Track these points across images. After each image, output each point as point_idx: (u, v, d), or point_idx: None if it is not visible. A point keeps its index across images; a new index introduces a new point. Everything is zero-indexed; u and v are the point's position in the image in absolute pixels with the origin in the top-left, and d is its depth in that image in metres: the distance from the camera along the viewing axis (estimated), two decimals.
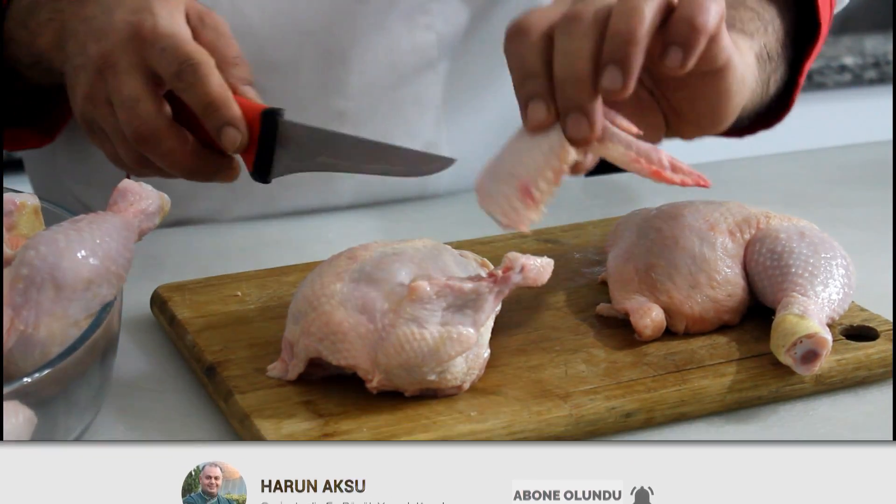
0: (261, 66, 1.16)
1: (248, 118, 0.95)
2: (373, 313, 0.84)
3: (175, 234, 1.16)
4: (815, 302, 0.90)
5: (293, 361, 0.86)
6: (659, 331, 0.92)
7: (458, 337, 0.84)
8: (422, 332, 0.83)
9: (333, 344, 0.84)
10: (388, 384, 0.84)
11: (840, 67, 2.18)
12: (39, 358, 0.80)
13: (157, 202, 0.90)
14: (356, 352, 0.84)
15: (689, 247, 0.95)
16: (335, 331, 0.84)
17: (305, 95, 1.19)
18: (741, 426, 0.86)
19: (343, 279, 0.86)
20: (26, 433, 0.77)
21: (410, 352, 0.83)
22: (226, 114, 0.94)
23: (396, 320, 0.83)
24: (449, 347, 0.83)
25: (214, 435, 0.85)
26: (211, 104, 0.94)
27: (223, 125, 0.94)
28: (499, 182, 0.85)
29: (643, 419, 0.85)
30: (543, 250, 1.06)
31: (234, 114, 0.94)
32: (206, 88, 0.93)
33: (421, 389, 0.84)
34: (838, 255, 0.95)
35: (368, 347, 0.84)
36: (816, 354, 0.86)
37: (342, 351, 0.84)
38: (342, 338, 0.84)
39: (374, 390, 0.84)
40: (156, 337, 0.98)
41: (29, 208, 0.90)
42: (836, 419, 0.87)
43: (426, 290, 0.84)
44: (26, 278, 0.80)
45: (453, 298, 0.84)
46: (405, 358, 0.83)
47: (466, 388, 0.85)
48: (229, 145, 0.95)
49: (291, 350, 0.87)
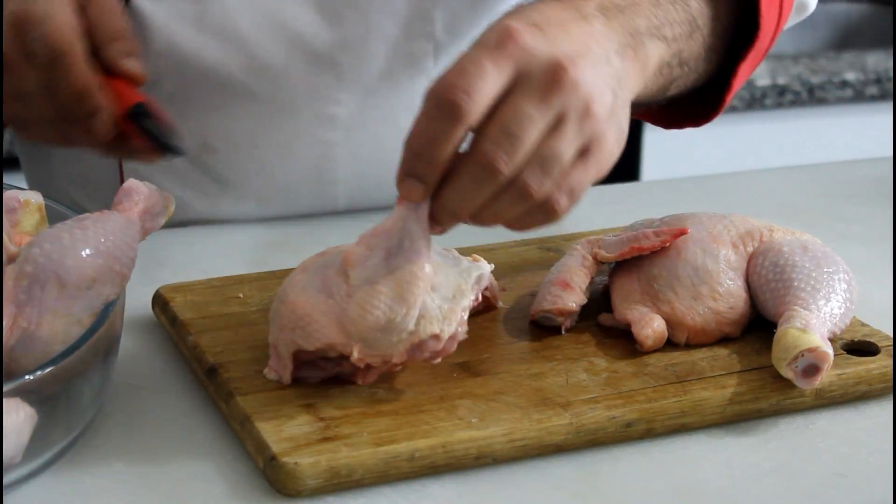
0: (251, 71, 1.16)
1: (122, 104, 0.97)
2: (330, 290, 0.85)
3: (178, 234, 1.16)
4: (816, 316, 0.90)
5: (281, 363, 0.87)
6: (660, 341, 0.92)
7: (413, 273, 0.83)
8: (375, 287, 0.83)
9: (304, 329, 0.85)
10: (372, 355, 0.84)
11: (842, 83, 2.18)
12: (41, 355, 0.80)
13: (162, 202, 0.90)
14: (326, 329, 0.84)
15: (692, 258, 0.95)
16: (301, 315, 0.85)
17: (296, 101, 1.18)
18: (741, 438, 0.86)
19: (307, 271, 0.87)
20: (27, 430, 0.77)
21: (374, 309, 0.83)
22: (87, 105, 0.95)
23: (351, 289, 0.84)
24: (408, 285, 0.83)
25: (215, 436, 0.85)
26: (73, 95, 0.95)
27: (86, 116, 0.96)
28: None
29: (643, 429, 0.85)
30: (546, 258, 1.06)
31: (97, 104, 0.95)
32: (69, 80, 0.94)
33: (408, 351, 0.84)
34: (841, 269, 0.95)
35: (336, 322, 0.84)
36: (817, 368, 0.86)
37: (313, 333, 0.84)
38: (309, 320, 0.84)
39: (362, 363, 0.84)
40: (157, 337, 0.98)
41: (33, 206, 0.90)
42: (836, 433, 0.87)
43: (357, 249, 0.84)
44: (30, 275, 0.80)
45: (385, 243, 0.84)
46: (372, 319, 0.83)
47: (454, 346, 0.85)
48: (95, 134, 0.96)
49: (277, 353, 0.87)
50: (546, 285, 0.96)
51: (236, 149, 1.19)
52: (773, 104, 2.16)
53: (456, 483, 0.81)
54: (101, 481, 0.81)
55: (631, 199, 1.30)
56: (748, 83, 2.14)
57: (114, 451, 0.83)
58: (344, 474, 0.79)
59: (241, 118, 1.18)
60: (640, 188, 1.48)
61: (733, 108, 2.14)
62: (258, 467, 0.81)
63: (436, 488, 0.81)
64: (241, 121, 1.18)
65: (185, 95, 1.17)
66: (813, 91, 2.16)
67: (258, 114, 1.18)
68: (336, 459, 0.79)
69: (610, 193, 1.33)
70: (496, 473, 0.82)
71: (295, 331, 0.85)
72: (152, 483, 0.81)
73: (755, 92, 2.14)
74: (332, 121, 1.20)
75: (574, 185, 0.81)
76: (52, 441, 0.79)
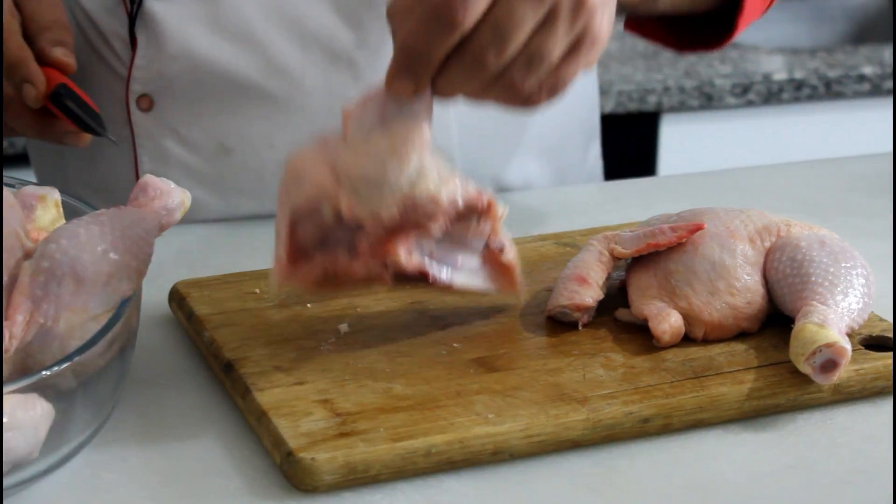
0: (266, 72, 1.16)
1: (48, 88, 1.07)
2: (325, 148, 0.85)
3: (194, 230, 1.16)
4: (834, 311, 0.90)
5: (278, 240, 0.86)
6: (677, 337, 0.92)
7: (406, 127, 0.83)
8: (370, 137, 0.83)
9: (296, 181, 0.84)
10: (362, 209, 0.83)
11: (859, 77, 2.18)
12: (58, 351, 0.80)
13: (178, 198, 0.90)
14: (317, 174, 0.83)
15: (709, 253, 0.94)
16: (297, 169, 0.85)
17: (312, 101, 1.18)
18: (759, 434, 0.86)
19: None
20: (44, 426, 0.77)
21: (366, 158, 0.83)
22: (22, 72, 1.06)
23: (345, 143, 0.84)
24: (403, 140, 0.83)
25: (231, 432, 0.85)
26: (10, 65, 1.05)
27: (20, 81, 1.06)
28: None
29: (660, 425, 0.85)
30: (562, 254, 1.06)
31: (29, 71, 1.05)
32: (6, 53, 1.06)
33: (402, 210, 0.83)
34: (858, 264, 0.94)
35: (328, 167, 0.83)
36: (835, 364, 0.86)
37: (304, 183, 0.84)
38: (302, 172, 0.84)
39: (352, 216, 0.83)
40: (174, 333, 0.98)
41: (49, 202, 0.91)
42: (855, 429, 0.87)
43: (354, 106, 0.84)
44: (47, 271, 0.80)
45: (380, 101, 0.83)
46: (365, 166, 0.82)
47: (453, 212, 0.85)
48: (28, 100, 1.06)
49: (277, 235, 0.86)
50: (562, 281, 0.96)
51: (252, 149, 1.19)
52: (790, 98, 2.15)
53: (473, 478, 0.81)
54: (118, 477, 0.81)
55: (648, 194, 1.30)
56: (765, 78, 2.13)
57: (131, 447, 0.84)
58: (361, 470, 0.79)
59: (256, 119, 1.18)
60: (656, 183, 1.47)
61: (750, 102, 2.14)
62: (275, 463, 0.81)
63: (452, 484, 0.81)
64: (257, 121, 1.18)
65: (200, 96, 1.17)
66: (830, 85, 2.16)
67: (274, 114, 1.18)
68: (353, 455, 0.79)
69: (627, 188, 1.32)
70: (513, 469, 0.82)
71: (290, 192, 0.84)
72: (169, 478, 0.81)
73: (772, 86, 2.14)
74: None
75: (559, 80, 0.82)
76: (70, 437, 0.79)
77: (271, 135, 1.19)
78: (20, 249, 0.83)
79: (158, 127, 1.18)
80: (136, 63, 1.16)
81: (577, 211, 1.23)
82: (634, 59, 2.22)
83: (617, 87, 2.09)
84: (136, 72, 1.16)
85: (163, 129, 1.18)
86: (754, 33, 2.45)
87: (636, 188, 1.33)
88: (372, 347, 0.91)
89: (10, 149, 1.93)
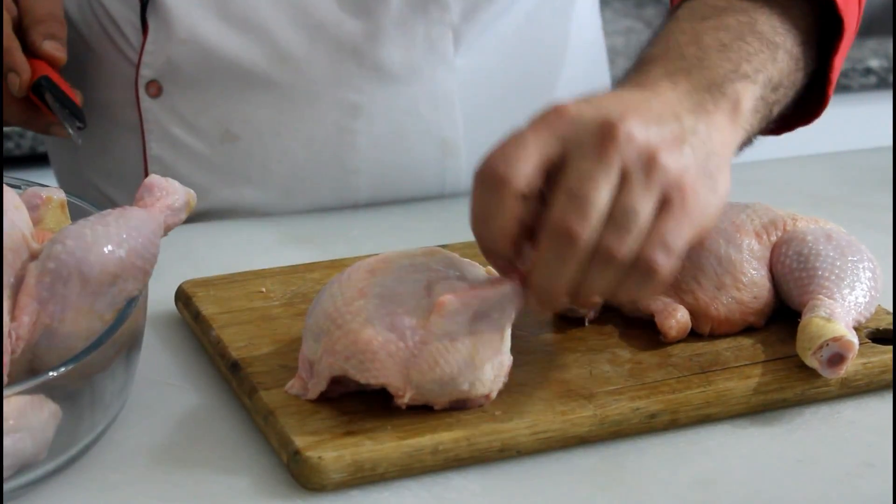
0: (273, 59, 1.17)
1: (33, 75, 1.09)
2: (402, 331, 0.82)
3: (200, 229, 1.16)
4: (841, 305, 0.89)
5: (314, 380, 0.84)
6: (684, 332, 0.91)
7: (490, 343, 0.83)
8: (454, 344, 0.82)
9: (362, 363, 0.82)
10: (419, 399, 0.83)
11: (865, 70, 2.17)
12: (65, 352, 0.80)
13: (184, 197, 0.89)
14: (387, 370, 0.82)
15: (715, 248, 0.94)
16: (363, 349, 0.82)
17: (318, 89, 1.19)
18: (766, 428, 0.86)
19: (366, 295, 0.84)
20: (51, 427, 0.77)
21: (445, 365, 0.82)
22: (7, 61, 1.08)
23: (427, 336, 0.82)
24: (482, 354, 0.83)
25: (238, 431, 0.85)
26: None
27: (6, 70, 1.09)
28: None
29: (668, 420, 0.85)
30: None
31: (15, 61, 1.08)
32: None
33: (451, 402, 0.83)
34: (865, 258, 0.94)
35: (400, 365, 0.82)
36: (843, 357, 0.86)
37: (371, 370, 0.82)
38: (371, 357, 0.82)
39: (404, 406, 0.83)
40: (180, 332, 0.98)
41: (55, 202, 0.91)
42: (863, 422, 0.86)
43: (454, 303, 0.82)
44: (53, 272, 0.80)
45: (479, 305, 0.83)
46: (439, 373, 0.82)
47: (494, 398, 0.85)
48: (11, 88, 1.09)
49: (311, 368, 0.85)
50: None
51: (258, 137, 1.20)
52: None
53: (480, 476, 0.81)
54: (125, 477, 0.81)
55: None
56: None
57: (138, 447, 0.84)
58: (368, 468, 0.79)
59: (262, 106, 1.19)
60: None
61: None
62: (282, 462, 0.81)
63: (460, 481, 0.81)
64: (263, 109, 1.19)
65: (207, 83, 1.18)
66: None
67: (280, 102, 1.18)
68: (360, 453, 0.79)
69: None
70: (520, 466, 0.82)
71: (349, 360, 0.82)
72: (177, 478, 0.81)
73: None
74: (353, 109, 1.20)
75: (665, 240, 0.78)
76: (77, 437, 0.79)
77: (277, 123, 1.19)
78: (26, 250, 0.83)
79: (166, 113, 1.19)
80: (147, 48, 1.17)
81: None
82: None
83: None
84: (146, 57, 1.17)
85: (171, 115, 1.19)
86: None
87: None
88: None
89: (17, 150, 1.93)
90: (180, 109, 1.19)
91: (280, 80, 1.18)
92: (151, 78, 1.18)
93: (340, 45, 1.17)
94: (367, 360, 0.82)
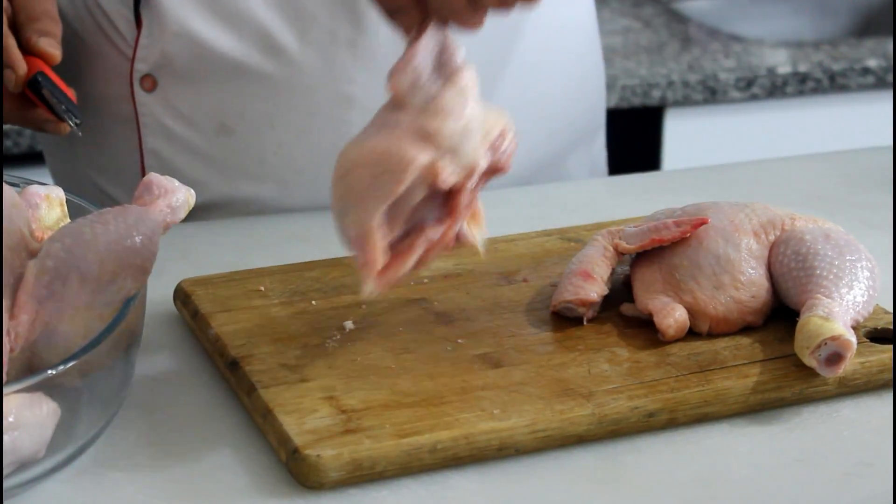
0: (266, 52, 1.17)
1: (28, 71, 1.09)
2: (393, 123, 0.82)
3: (199, 228, 1.16)
4: (839, 304, 0.90)
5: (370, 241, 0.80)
6: (682, 331, 0.92)
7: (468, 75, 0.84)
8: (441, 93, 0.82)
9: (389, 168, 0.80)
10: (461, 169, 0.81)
11: (863, 70, 2.17)
12: (63, 350, 0.80)
13: (183, 196, 0.89)
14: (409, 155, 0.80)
15: (714, 247, 0.94)
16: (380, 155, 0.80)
17: (312, 81, 1.19)
18: (764, 427, 0.86)
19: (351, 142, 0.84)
20: (50, 425, 0.77)
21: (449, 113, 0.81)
22: (3, 57, 1.08)
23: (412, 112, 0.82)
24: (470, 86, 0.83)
25: (237, 429, 0.85)
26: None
27: (2, 67, 1.08)
28: None
29: (666, 419, 0.85)
30: (567, 249, 1.06)
31: (10, 57, 1.08)
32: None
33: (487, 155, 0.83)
34: (863, 257, 0.94)
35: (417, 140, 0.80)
36: (841, 357, 0.86)
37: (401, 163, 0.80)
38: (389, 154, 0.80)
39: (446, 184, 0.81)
40: (179, 331, 0.98)
41: (55, 201, 0.91)
42: (860, 421, 0.87)
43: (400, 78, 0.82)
44: (51, 271, 0.80)
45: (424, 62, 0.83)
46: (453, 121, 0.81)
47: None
48: (7, 84, 1.09)
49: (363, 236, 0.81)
50: (567, 276, 0.96)
51: (254, 129, 1.20)
52: (794, 92, 2.15)
53: (478, 474, 0.81)
54: (124, 475, 0.81)
55: (652, 189, 1.30)
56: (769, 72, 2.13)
57: (136, 445, 0.84)
58: (366, 466, 0.79)
59: (257, 99, 1.19)
60: (661, 177, 1.47)
61: (754, 96, 2.13)
62: (281, 460, 0.81)
63: (458, 480, 0.81)
64: (257, 101, 1.19)
65: (201, 77, 1.18)
66: (834, 78, 2.15)
67: (274, 94, 1.19)
68: (358, 452, 0.79)
69: (631, 183, 1.32)
70: (519, 464, 0.82)
71: (378, 180, 0.79)
72: (175, 476, 0.81)
73: (776, 80, 2.14)
74: (348, 100, 1.20)
75: None
76: (76, 435, 0.80)
77: (271, 115, 1.20)
78: (25, 249, 0.83)
79: (161, 107, 1.20)
80: (141, 43, 1.17)
81: (581, 206, 1.23)
82: (638, 54, 2.21)
83: (621, 81, 2.08)
84: (140, 52, 1.18)
85: (166, 109, 1.20)
86: (758, 27, 2.45)
87: (640, 183, 1.33)
88: (377, 344, 0.91)
89: (15, 148, 1.93)
90: (175, 103, 1.20)
91: (273, 73, 1.18)
92: (146, 72, 1.19)
93: (333, 36, 1.18)
94: (390, 160, 0.80)
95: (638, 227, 0.98)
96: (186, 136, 1.20)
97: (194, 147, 1.20)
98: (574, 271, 0.96)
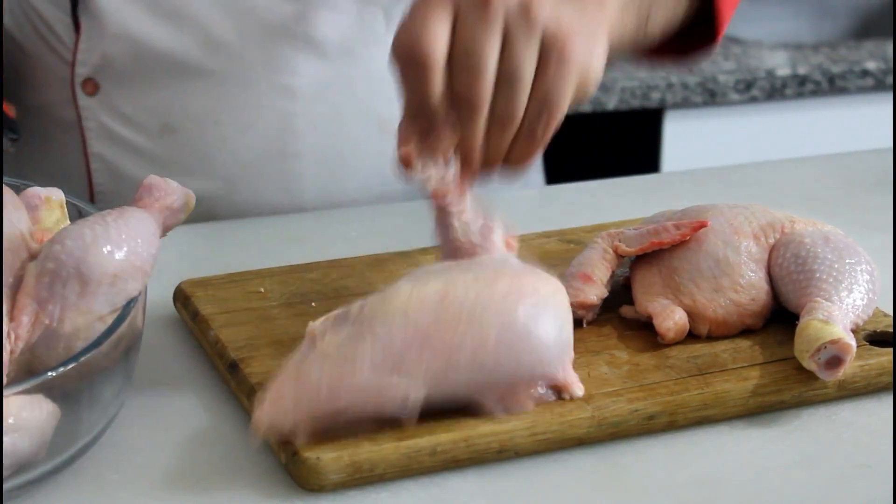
0: (206, 48, 1.17)
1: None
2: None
3: (198, 229, 1.16)
4: (839, 307, 0.90)
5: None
6: (682, 334, 0.92)
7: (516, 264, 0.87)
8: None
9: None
10: None
11: (862, 72, 2.18)
12: (64, 352, 0.80)
13: (183, 198, 0.90)
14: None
15: (713, 250, 0.94)
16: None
17: (253, 74, 1.19)
18: (764, 430, 0.86)
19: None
20: (50, 427, 0.77)
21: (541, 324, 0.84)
22: None
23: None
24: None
25: (237, 431, 0.85)
26: None
27: None
28: None
29: (666, 422, 0.85)
30: (567, 251, 1.06)
31: None
32: None
33: None
34: (863, 260, 0.94)
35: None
36: (840, 360, 0.86)
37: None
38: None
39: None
40: (178, 333, 0.98)
41: (54, 203, 0.91)
42: (860, 424, 0.87)
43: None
44: (52, 272, 0.80)
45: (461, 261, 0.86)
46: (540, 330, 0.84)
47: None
48: None
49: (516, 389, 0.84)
50: (567, 278, 0.96)
51: (197, 127, 1.20)
52: (793, 94, 2.15)
53: (478, 477, 0.81)
54: (123, 477, 0.81)
55: (652, 191, 1.30)
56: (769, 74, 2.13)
57: (136, 447, 0.84)
58: (366, 469, 0.79)
59: (199, 96, 1.19)
60: (660, 180, 1.47)
61: (753, 98, 2.13)
62: (281, 462, 0.81)
63: (458, 482, 0.81)
64: (200, 98, 1.19)
65: (143, 77, 1.18)
66: (833, 80, 2.15)
67: (216, 90, 1.19)
68: (358, 454, 0.79)
69: (631, 185, 1.32)
70: (518, 467, 0.82)
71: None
72: (175, 478, 0.81)
73: (776, 82, 2.14)
74: (290, 92, 1.20)
75: (548, 95, 0.81)
76: (76, 437, 0.79)
77: (215, 111, 1.20)
78: (25, 251, 0.83)
79: (104, 110, 1.20)
80: (80, 47, 1.18)
81: (581, 208, 1.23)
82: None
83: (620, 83, 2.08)
84: (80, 56, 1.18)
85: (109, 112, 1.20)
86: (757, 29, 2.45)
87: (640, 185, 1.33)
88: None
89: None
90: (118, 105, 1.20)
91: (214, 69, 1.18)
92: (87, 76, 1.19)
93: (272, 27, 1.18)
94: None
95: (638, 230, 0.98)
96: (131, 137, 1.21)
97: (139, 148, 1.20)
98: (574, 274, 0.96)
